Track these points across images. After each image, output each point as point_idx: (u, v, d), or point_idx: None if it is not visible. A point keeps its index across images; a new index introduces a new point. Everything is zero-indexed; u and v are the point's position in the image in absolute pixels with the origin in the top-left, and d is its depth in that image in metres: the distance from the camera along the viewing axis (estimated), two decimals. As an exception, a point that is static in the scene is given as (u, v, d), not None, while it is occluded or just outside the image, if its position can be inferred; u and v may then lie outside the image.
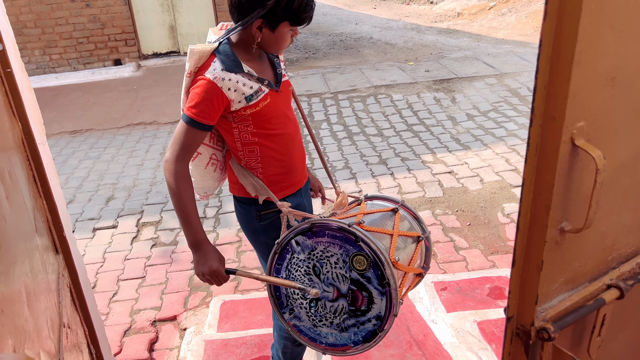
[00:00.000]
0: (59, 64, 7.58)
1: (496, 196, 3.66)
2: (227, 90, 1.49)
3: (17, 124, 0.91)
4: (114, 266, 3.26)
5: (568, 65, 0.64)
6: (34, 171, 0.95)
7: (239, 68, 1.51)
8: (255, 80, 1.55)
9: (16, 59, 1.01)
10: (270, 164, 1.66)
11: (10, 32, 1.00)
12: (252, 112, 1.56)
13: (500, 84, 5.97)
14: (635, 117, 0.82)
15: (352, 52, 8.58)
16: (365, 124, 5.24)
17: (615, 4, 0.67)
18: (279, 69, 1.65)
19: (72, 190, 4.33)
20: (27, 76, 1.04)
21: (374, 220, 1.59)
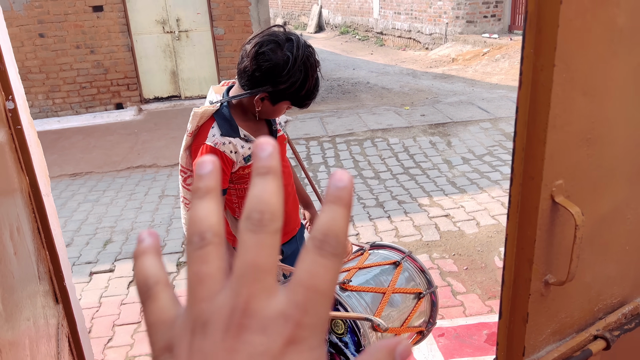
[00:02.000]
0: (62, 108, 7.72)
1: (492, 240, 3.68)
2: (229, 153, 1.58)
3: (24, 178, 0.95)
4: (110, 311, 3.24)
5: (543, 129, 0.69)
6: (39, 223, 0.98)
7: (235, 133, 1.59)
8: (252, 142, 1.63)
9: (26, 116, 1.06)
10: None
11: (21, 90, 1.05)
12: (249, 171, 1.62)
13: (494, 128, 6.09)
14: (612, 174, 0.86)
15: (350, 96, 8.76)
16: (363, 167, 5.31)
17: (586, 72, 0.72)
18: (274, 125, 1.73)
19: (70, 234, 4.34)
20: (35, 131, 1.09)
21: (371, 275, 1.60)
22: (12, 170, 0.87)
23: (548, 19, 0.65)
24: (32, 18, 7.23)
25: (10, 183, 0.82)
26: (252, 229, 0.27)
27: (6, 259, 0.59)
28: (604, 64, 0.75)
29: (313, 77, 1.54)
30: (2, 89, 0.92)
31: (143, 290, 0.30)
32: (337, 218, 0.28)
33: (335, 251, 0.27)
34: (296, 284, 0.27)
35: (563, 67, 0.68)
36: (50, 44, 7.40)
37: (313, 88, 1.56)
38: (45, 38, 7.36)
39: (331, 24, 18.47)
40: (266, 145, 0.30)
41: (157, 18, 7.70)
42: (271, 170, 0.29)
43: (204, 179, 0.30)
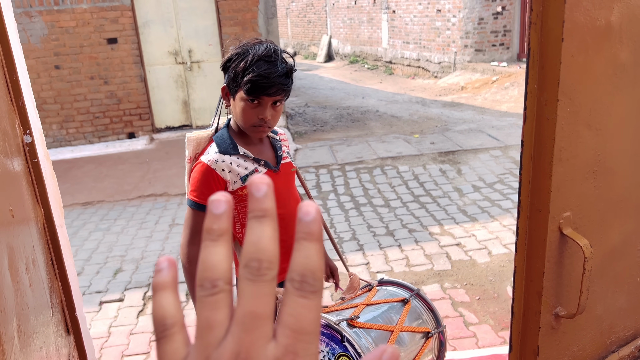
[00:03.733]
0: (75, 137, 7.85)
1: (505, 269, 3.64)
2: (221, 172, 1.57)
3: (40, 210, 0.97)
4: (119, 341, 3.23)
5: (549, 162, 0.69)
6: (52, 254, 1.00)
7: (234, 150, 1.59)
8: (252, 161, 1.62)
9: (42, 149, 1.09)
10: None
11: (38, 123, 1.08)
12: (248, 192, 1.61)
13: (505, 156, 6.08)
14: (620, 205, 0.86)
15: (359, 124, 8.82)
16: (372, 195, 5.31)
17: (590, 106, 0.74)
18: (280, 151, 1.70)
19: (81, 263, 4.36)
20: (51, 163, 1.12)
21: (378, 312, 1.58)
22: (28, 202, 0.89)
23: (551, 55, 0.66)
24: (49, 50, 7.42)
25: (27, 215, 0.84)
26: (250, 278, 0.29)
27: (22, 291, 0.60)
28: (607, 97, 0.76)
29: (254, 55, 1.50)
30: (20, 123, 0.95)
31: (160, 329, 0.31)
32: (310, 255, 0.30)
33: (314, 289, 0.29)
34: (284, 328, 0.29)
35: (567, 101, 0.69)
36: (65, 75, 7.58)
37: (253, 64, 1.48)
38: (61, 70, 7.54)
39: (340, 53, 18.74)
40: (261, 184, 0.31)
41: (169, 49, 7.87)
42: (267, 213, 0.31)
43: (217, 220, 0.31)
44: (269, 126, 1.58)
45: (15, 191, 0.79)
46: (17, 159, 0.85)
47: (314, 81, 14.72)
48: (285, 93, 1.55)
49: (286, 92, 1.56)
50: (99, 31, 7.50)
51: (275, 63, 1.51)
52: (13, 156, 0.83)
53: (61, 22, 7.35)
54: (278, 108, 1.58)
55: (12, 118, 0.88)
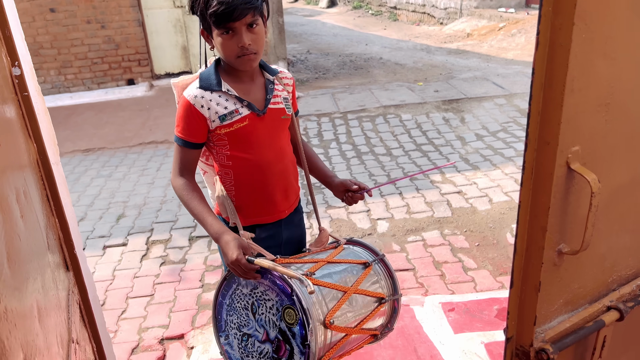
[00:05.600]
0: (74, 84, 7.73)
1: (505, 217, 3.65)
2: (200, 108, 1.53)
3: (32, 145, 0.95)
4: (124, 284, 3.29)
5: (560, 92, 0.66)
6: (47, 190, 0.98)
7: (217, 86, 1.54)
8: (234, 100, 1.56)
9: (33, 83, 1.05)
10: (243, 189, 1.65)
11: (28, 57, 1.04)
12: (226, 132, 1.56)
13: (509, 105, 5.99)
14: (631, 141, 0.83)
15: (362, 72, 8.66)
16: (374, 144, 5.27)
17: (607, 33, 0.69)
18: (270, 95, 1.62)
19: (84, 208, 4.39)
20: (43, 99, 1.09)
21: (336, 271, 1.55)
22: (19, 137, 0.86)
23: (568, -25, 0.62)
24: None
25: (17, 149, 0.82)
26: None
27: (11, 220, 0.59)
28: (626, 25, 0.72)
29: None
30: (7, 54, 0.91)
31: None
32: None
33: None
34: None
35: (583, 26, 0.65)
36: (61, 19, 7.38)
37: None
38: (56, 13, 7.33)
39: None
40: None
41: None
42: None
43: None
44: (253, 52, 1.50)
45: (3, 123, 0.76)
46: (5, 91, 0.82)
47: (316, 27, 14.35)
48: (254, 11, 1.45)
49: (255, 10, 1.45)
50: (94, -28, 7.25)
51: None
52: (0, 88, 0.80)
53: (54, -37, 7.09)
54: (256, 30, 1.48)
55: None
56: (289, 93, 1.71)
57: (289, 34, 12.27)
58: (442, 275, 3.08)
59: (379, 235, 3.57)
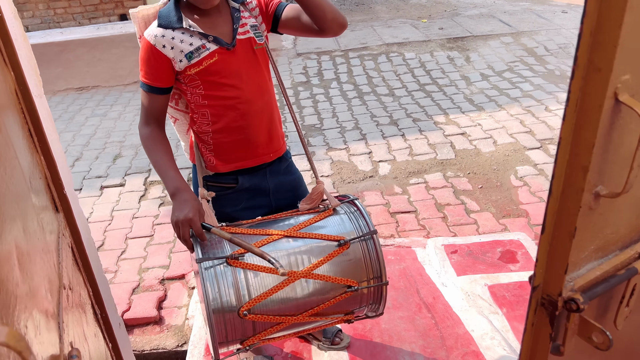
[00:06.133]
0: (64, 19, 7.42)
1: (509, 159, 3.58)
2: (162, 48, 1.41)
3: (9, 74, 0.85)
4: (122, 224, 3.25)
5: (621, 7, 0.56)
6: (30, 125, 0.89)
7: (178, 23, 1.41)
8: (198, 36, 1.43)
9: (7, 3, 0.94)
10: (221, 130, 1.53)
11: (0, -27, 0.92)
12: (196, 71, 1.44)
13: (516, 43, 5.78)
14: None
15: (364, 8, 8.32)
16: (376, 84, 5.11)
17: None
18: (237, 24, 1.48)
19: (79, 148, 4.30)
20: (21, 23, 0.97)
21: (293, 248, 1.41)
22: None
23: None
24: None
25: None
26: None
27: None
28: None
29: None
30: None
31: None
32: None
33: None
34: None
35: None
36: (47, -51, 6.98)
37: None
38: (42, -58, 6.93)
39: None
40: None
41: None
42: None
43: None
44: None
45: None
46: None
47: (316, -39, 13.71)
48: None
49: None
50: None
51: None
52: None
53: None
54: None
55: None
56: (257, 18, 1.55)
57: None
58: (444, 217, 3.04)
59: (381, 178, 3.50)
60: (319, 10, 1.47)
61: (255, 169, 1.63)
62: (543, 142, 3.71)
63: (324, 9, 1.48)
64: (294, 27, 1.56)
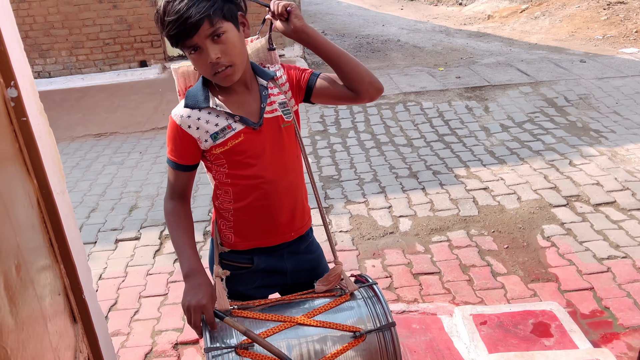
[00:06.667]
0: (86, 65, 7.57)
1: (535, 216, 3.46)
2: (187, 128, 1.38)
3: (32, 182, 0.79)
4: (136, 281, 3.17)
5: None
6: (51, 233, 0.83)
7: (205, 102, 1.38)
8: (225, 116, 1.39)
9: (34, 102, 0.89)
10: (243, 209, 1.48)
11: (28, 71, 0.88)
12: (221, 150, 1.40)
13: (535, 93, 5.74)
14: None
15: (379, 55, 8.41)
16: (394, 133, 5.07)
17: None
18: (265, 103, 1.43)
19: (96, 198, 4.27)
20: (46, 118, 0.93)
21: (304, 338, 1.31)
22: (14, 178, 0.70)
23: None
24: (54, -30, 6.99)
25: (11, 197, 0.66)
26: None
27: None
28: None
29: (159, 6, 1.28)
30: (0, 75, 0.75)
31: None
32: None
33: None
34: None
35: None
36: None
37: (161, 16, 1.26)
38: (67, -8, 7.14)
39: (359, -23, 17.73)
40: None
41: (181, -29, 7.38)
42: None
43: None
44: (227, 65, 1.31)
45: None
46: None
47: (331, 6, 14.02)
48: (209, 19, 1.24)
49: (211, 17, 1.24)
50: (106, -51, 7.02)
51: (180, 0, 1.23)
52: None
53: (65, -61, 6.87)
54: (225, 39, 1.29)
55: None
56: (286, 94, 1.49)
57: (303, 13, 11.97)
58: (470, 280, 2.92)
59: (402, 234, 3.41)
60: (357, 74, 1.44)
61: (273, 249, 1.56)
62: (569, 199, 3.60)
63: (361, 73, 1.44)
64: (328, 95, 1.51)
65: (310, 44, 1.44)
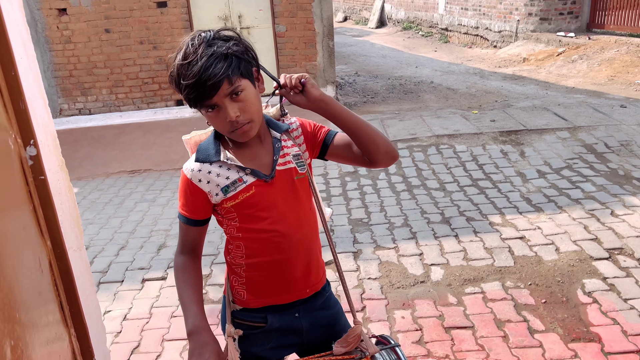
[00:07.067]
0: (124, 103, 7.81)
1: (575, 270, 3.29)
2: (198, 182, 1.36)
3: (45, 244, 0.76)
4: (160, 323, 3.13)
5: None
6: (62, 297, 0.79)
7: (215, 156, 1.36)
8: (236, 169, 1.36)
9: (56, 157, 0.87)
10: (256, 264, 1.43)
11: (52, 127, 0.86)
12: (232, 204, 1.37)
13: (573, 139, 5.58)
14: None
15: (412, 96, 8.40)
16: (426, 177, 4.98)
17: None
18: (277, 155, 1.40)
19: (126, 236, 4.29)
20: (67, 173, 0.91)
21: None
22: (24, 244, 0.67)
23: None
24: (99, 14, 7.32)
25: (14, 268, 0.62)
26: None
27: None
28: None
29: (174, 67, 1.26)
30: (19, 133, 0.73)
31: None
32: None
33: None
34: None
35: None
36: (115, 40, 7.48)
37: (178, 78, 1.24)
38: (111, 33, 7.45)
39: (393, 19, 18.02)
40: None
41: (219, 14, 7.63)
42: None
43: None
44: (246, 122, 1.30)
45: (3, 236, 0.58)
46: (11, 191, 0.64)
47: (365, 48, 14.21)
48: (228, 78, 1.23)
49: (230, 77, 1.23)
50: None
51: (194, 61, 1.21)
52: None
53: (111, -16, 7.21)
54: (243, 96, 1.27)
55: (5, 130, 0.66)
56: (300, 147, 1.46)
57: (337, 54, 12.16)
58: (505, 336, 2.76)
59: (433, 284, 3.28)
60: (373, 144, 1.41)
61: (288, 307, 1.49)
62: (612, 252, 3.42)
63: (377, 143, 1.41)
64: (343, 156, 1.49)
65: (329, 112, 1.41)
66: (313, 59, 7.74)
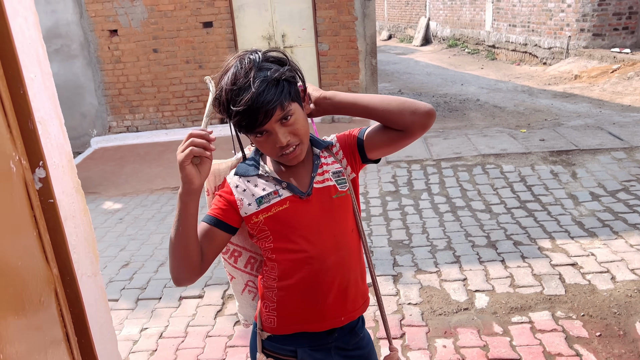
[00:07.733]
0: (170, 121, 7.99)
1: (633, 301, 3.05)
2: (234, 188, 1.33)
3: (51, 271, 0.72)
4: (195, 343, 3.09)
5: None
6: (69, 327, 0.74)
7: (254, 170, 1.35)
8: (273, 182, 1.33)
9: (70, 179, 0.84)
10: (288, 287, 1.36)
11: (67, 147, 0.83)
12: (265, 217, 1.31)
13: (630, 159, 5.27)
14: None
15: (457, 114, 8.21)
16: (471, 197, 4.81)
17: None
18: (315, 172, 1.36)
19: (165, 252, 4.32)
20: (83, 196, 0.87)
21: None
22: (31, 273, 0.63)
23: None
24: (148, 34, 7.55)
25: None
26: None
27: None
28: None
29: (222, 90, 1.24)
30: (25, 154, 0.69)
31: None
32: None
33: None
34: None
35: None
36: (162, 59, 7.69)
37: (228, 103, 1.22)
38: (159, 53, 7.66)
39: (439, 36, 17.84)
40: None
41: (263, 34, 7.73)
42: None
43: None
44: (295, 145, 1.29)
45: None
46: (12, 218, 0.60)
47: (409, 66, 14.09)
48: (280, 108, 1.21)
49: (282, 103, 1.21)
50: (196, 15, 7.50)
51: (246, 86, 1.19)
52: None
53: (160, 6, 7.43)
54: (293, 120, 1.25)
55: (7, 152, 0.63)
56: (341, 162, 1.40)
57: (380, 72, 12.11)
58: (556, 372, 2.57)
59: (477, 312, 3.11)
60: (394, 113, 1.34)
61: (320, 338, 1.41)
62: (675, 283, 3.16)
63: (398, 108, 1.33)
64: (381, 143, 1.41)
65: (336, 105, 1.37)
66: (355, 77, 7.70)
